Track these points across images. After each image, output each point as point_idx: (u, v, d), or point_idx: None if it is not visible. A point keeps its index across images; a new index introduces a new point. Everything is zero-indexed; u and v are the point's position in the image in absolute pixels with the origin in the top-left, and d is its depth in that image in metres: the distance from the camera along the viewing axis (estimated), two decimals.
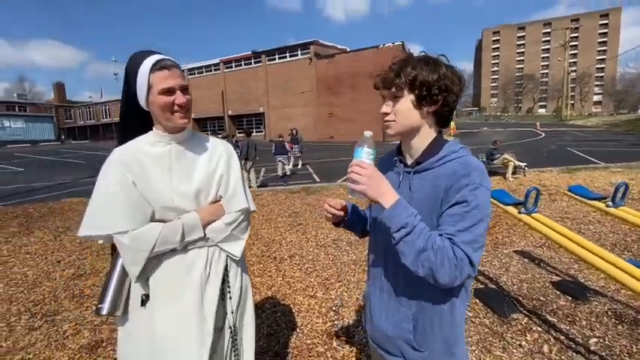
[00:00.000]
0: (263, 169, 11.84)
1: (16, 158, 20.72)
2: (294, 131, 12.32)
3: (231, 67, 33.12)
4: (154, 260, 1.11)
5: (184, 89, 1.09)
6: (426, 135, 0.94)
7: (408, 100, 0.89)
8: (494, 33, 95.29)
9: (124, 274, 1.11)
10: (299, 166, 12.15)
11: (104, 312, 1.09)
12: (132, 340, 1.14)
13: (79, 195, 7.83)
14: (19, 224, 5.46)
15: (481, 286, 3.02)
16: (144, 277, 1.10)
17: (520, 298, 2.79)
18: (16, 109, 43.02)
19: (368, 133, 0.88)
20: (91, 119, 50.09)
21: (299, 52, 28.67)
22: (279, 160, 10.36)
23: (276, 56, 29.97)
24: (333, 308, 2.71)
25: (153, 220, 1.09)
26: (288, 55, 29.34)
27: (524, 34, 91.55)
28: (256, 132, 31.26)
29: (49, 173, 13.57)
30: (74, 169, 14.71)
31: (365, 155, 0.87)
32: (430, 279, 0.82)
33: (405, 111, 0.90)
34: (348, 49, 28.74)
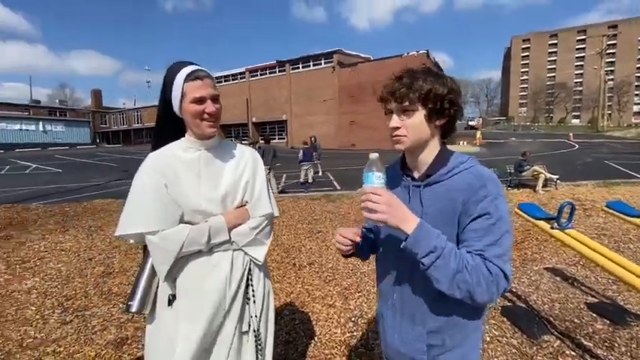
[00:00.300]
0: (284, 175, 11.97)
1: (56, 160, 22.10)
2: (312, 139, 12.44)
3: (256, 75, 34.00)
4: (181, 261, 1.15)
5: (215, 99, 1.14)
6: (434, 148, 0.93)
7: (421, 114, 0.88)
8: (524, 41, 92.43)
9: (153, 273, 1.16)
10: (319, 173, 12.21)
11: (133, 309, 1.14)
12: (157, 338, 1.18)
13: (110, 196, 8.24)
14: (56, 222, 5.79)
15: (509, 304, 2.88)
16: (171, 277, 1.15)
17: (551, 318, 2.64)
18: (57, 114, 46.15)
19: (374, 155, 0.84)
20: (123, 124, 52.77)
21: (322, 61, 29.04)
22: (304, 167, 10.44)
23: (300, 65, 30.50)
24: (352, 319, 2.67)
25: (182, 222, 1.14)
26: (311, 64, 29.78)
27: (556, 41, 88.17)
28: (278, 139, 31.80)
29: (84, 174, 14.36)
30: (107, 172, 15.49)
31: (377, 180, 0.82)
32: (468, 300, 0.80)
33: (418, 125, 0.89)
34: (372, 58, 28.82)
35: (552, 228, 2.28)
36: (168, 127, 1.20)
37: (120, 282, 3.41)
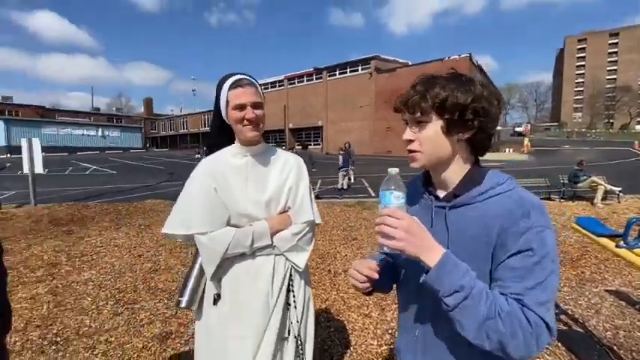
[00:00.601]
0: (319, 181, 12.05)
1: (111, 162, 24.13)
2: (346, 145, 12.41)
3: (293, 82, 34.82)
4: (227, 262, 1.19)
5: (256, 105, 1.18)
6: (460, 165, 0.80)
7: (436, 125, 0.76)
8: (579, 41, 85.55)
9: (202, 272, 1.21)
10: (352, 180, 12.14)
11: (183, 305, 1.21)
12: (202, 335, 1.24)
13: (158, 197, 8.81)
14: (110, 220, 6.29)
15: (564, 328, 2.63)
16: (217, 276, 1.19)
17: (615, 347, 2.36)
18: (114, 120, 50.86)
19: (393, 171, 0.73)
20: (170, 130, 56.51)
21: (359, 67, 29.03)
22: (342, 173, 10.43)
23: (337, 72, 30.73)
24: (389, 331, 2.58)
25: (228, 224, 1.19)
26: (348, 70, 29.89)
27: (616, 40, 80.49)
28: (314, 145, 32.14)
29: (136, 176, 15.51)
30: (155, 174, 16.60)
31: (395, 200, 0.71)
32: (499, 352, 0.66)
33: (432, 139, 0.77)
34: (410, 63, 28.24)
35: (618, 246, 2.05)
36: (221, 133, 1.27)
37: (165, 279, 3.61)
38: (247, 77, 1.20)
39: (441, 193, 0.83)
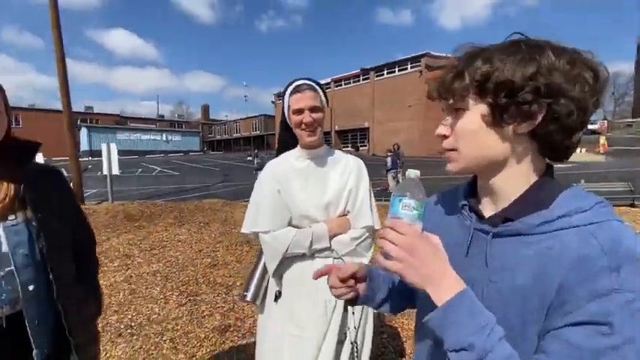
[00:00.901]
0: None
1: (174, 165, 26.33)
2: (395, 146, 12.07)
3: (340, 84, 34.94)
4: (287, 262, 1.22)
5: (313, 109, 1.19)
6: (522, 174, 0.56)
7: (476, 113, 0.54)
8: None
9: (265, 270, 1.26)
10: (399, 182, 11.81)
11: (248, 298, 1.28)
12: (263, 329, 1.28)
13: (215, 197, 9.40)
14: (175, 217, 6.83)
15: None
16: (278, 273, 1.23)
17: None
18: (176, 126, 55.74)
19: (412, 173, 0.57)
20: (225, 134, 60.17)
21: (409, 66, 28.20)
22: (392, 175, 10.21)
23: (385, 71, 30.18)
24: None
25: (290, 225, 1.21)
26: (397, 69, 29.20)
27: None
28: (360, 146, 31.92)
29: (195, 177, 16.73)
30: (212, 175, 17.76)
31: (403, 210, 0.54)
32: None
33: (471, 132, 0.56)
34: None
35: None
36: (287, 137, 1.31)
37: (223, 274, 3.81)
38: (308, 82, 1.23)
39: (488, 211, 0.60)
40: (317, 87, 1.22)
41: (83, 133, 39.22)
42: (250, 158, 29.05)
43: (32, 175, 0.95)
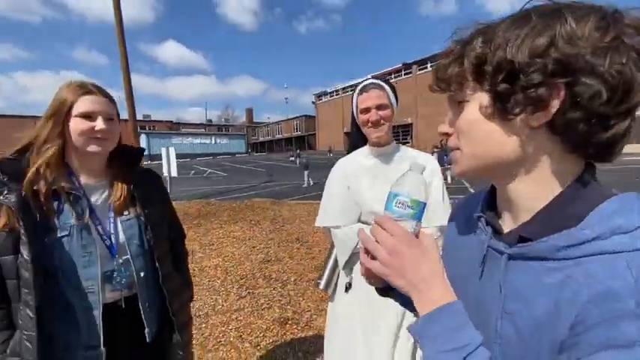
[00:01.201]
0: None
1: (222, 166, 27.82)
2: (443, 142, 11.57)
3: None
4: (357, 257, 1.25)
5: (380, 107, 1.22)
6: (542, 178, 0.44)
7: (476, 105, 0.44)
8: None
9: (336, 262, 1.32)
10: (449, 180, 11.33)
11: (321, 287, 1.35)
12: (334, 319, 1.34)
13: (262, 196, 9.79)
14: (228, 215, 7.24)
15: None
16: (349, 266, 1.28)
17: None
18: (223, 129, 58.95)
19: (416, 166, 0.51)
20: (268, 136, 62.26)
21: None
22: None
23: (428, 64, 29.08)
24: None
25: (359, 221, 1.25)
26: None
27: None
28: (403, 143, 31.16)
29: (242, 177, 17.55)
30: (257, 176, 18.50)
31: (397, 207, 0.49)
32: None
33: (471, 127, 0.46)
34: None
35: None
36: (357, 136, 1.35)
37: (277, 269, 3.97)
38: (375, 81, 1.27)
39: (508, 225, 0.49)
40: (384, 85, 1.25)
41: (143, 139, 42.96)
42: (293, 158, 29.73)
43: (138, 176, 1.09)
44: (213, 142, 50.94)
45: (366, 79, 1.27)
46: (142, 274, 1.03)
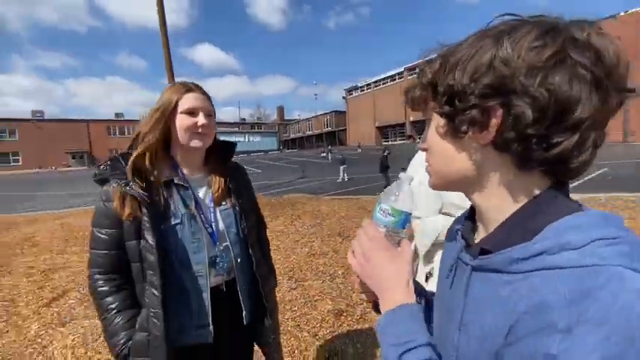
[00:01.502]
0: None
1: (256, 163, 28.54)
2: None
3: (414, 73, 33.38)
4: (437, 248, 1.25)
5: None
6: (501, 192, 0.45)
7: (434, 123, 0.48)
8: None
9: (415, 251, 1.32)
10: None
11: None
12: None
13: (297, 191, 9.94)
14: (269, 210, 7.44)
15: None
16: (428, 258, 1.27)
17: None
18: (255, 127, 60.20)
19: (403, 176, 0.56)
20: (298, 132, 62.85)
21: None
22: None
23: None
24: None
25: (441, 212, 1.24)
26: None
27: None
28: None
29: (276, 174, 17.91)
30: (291, 172, 18.79)
31: (380, 215, 0.54)
32: None
33: (433, 145, 0.49)
34: None
35: None
36: None
37: (323, 262, 4.04)
38: None
39: (481, 236, 0.51)
40: None
41: None
42: (324, 154, 29.81)
43: (231, 169, 1.16)
44: (246, 140, 52.45)
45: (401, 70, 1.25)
46: (239, 260, 1.10)
